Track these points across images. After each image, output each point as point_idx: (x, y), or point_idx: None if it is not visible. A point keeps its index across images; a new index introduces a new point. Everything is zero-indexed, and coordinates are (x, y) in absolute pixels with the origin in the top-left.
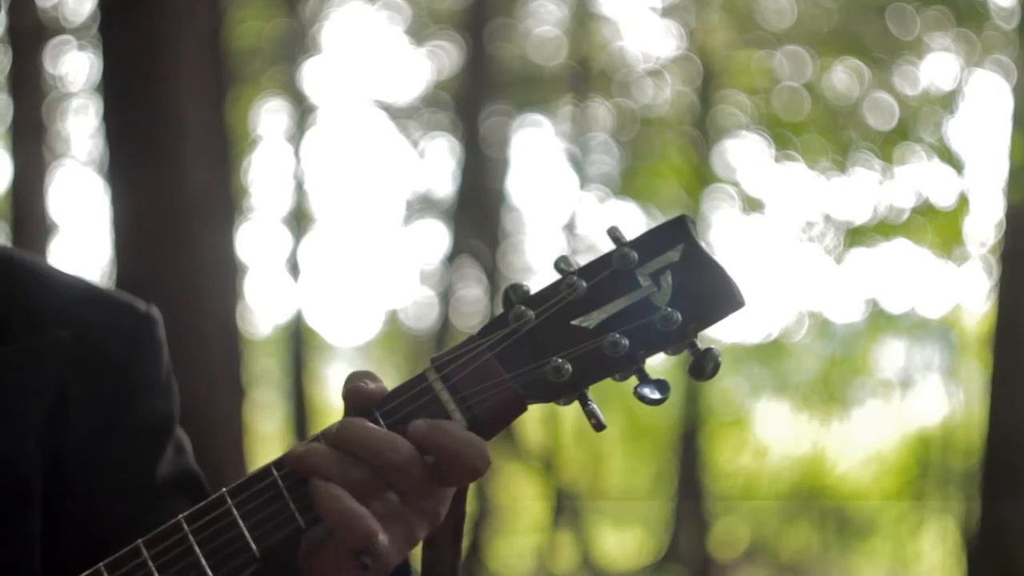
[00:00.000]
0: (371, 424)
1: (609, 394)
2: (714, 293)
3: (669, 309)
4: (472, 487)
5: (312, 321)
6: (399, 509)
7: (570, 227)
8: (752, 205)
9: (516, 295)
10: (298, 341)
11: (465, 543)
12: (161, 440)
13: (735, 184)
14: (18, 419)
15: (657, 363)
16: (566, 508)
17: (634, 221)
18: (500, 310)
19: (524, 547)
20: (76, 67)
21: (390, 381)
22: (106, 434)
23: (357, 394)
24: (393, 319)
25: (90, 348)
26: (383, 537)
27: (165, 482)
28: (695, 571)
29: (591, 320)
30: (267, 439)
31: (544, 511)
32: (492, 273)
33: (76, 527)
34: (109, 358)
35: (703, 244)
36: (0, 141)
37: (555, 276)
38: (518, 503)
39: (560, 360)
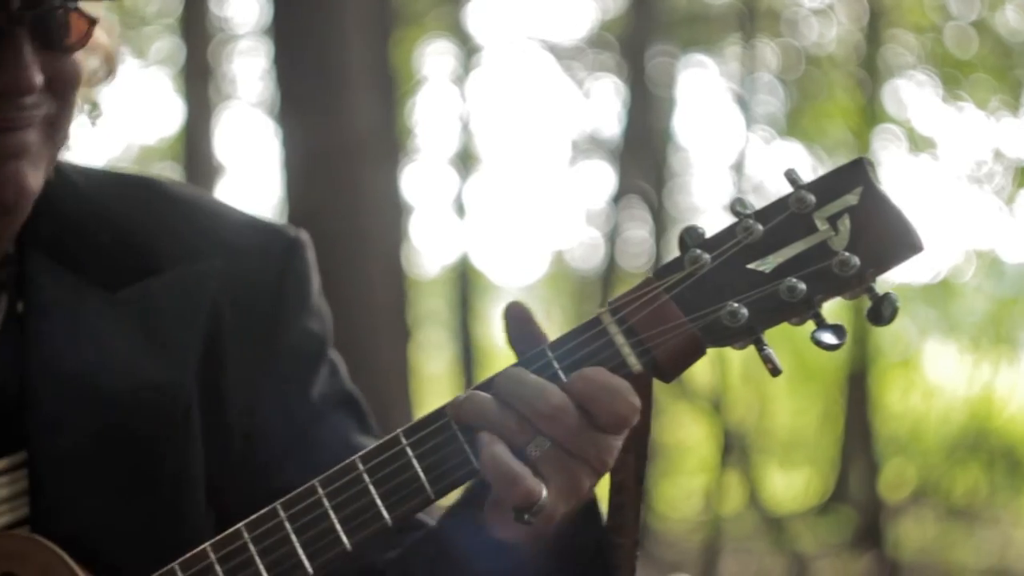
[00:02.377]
0: (524, 373)
1: (776, 334)
2: (893, 238)
3: (847, 254)
4: None
5: (478, 261)
6: (559, 457)
7: (737, 167)
8: (920, 145)
9: (691, 238)
10: (464, 282)
11: None
12: (316, 360)
13: (903, 124)
14: (176, 348)
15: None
16: (733, 449)
17: (800, 162)
18: (666, 251)
19: (691, 488)
20: (243, 9)
21: (556, 322)
22: (261, 357)
23: (523, 335)
24: (559, 259)
25: (241, 274)
26: (544, 494)
27: (323, 400)
28: (862, 512)
29: (767, 264)
30: (433, 380)
31: (711, 452)
32: (658, 213)
33: (237, 449)
34: (260, 282)
35: (882, 188)
36: (172, 83)
37: (729, 218)
38: (686, 444)
39: (736, 304)
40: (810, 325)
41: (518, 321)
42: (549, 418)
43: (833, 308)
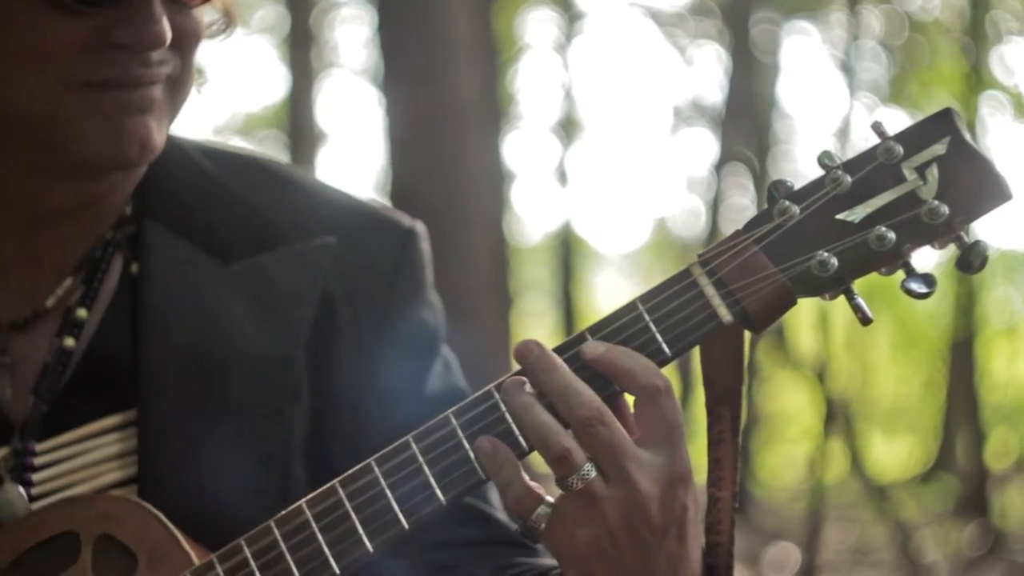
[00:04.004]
0: (561, 367)
1: (878, 302)
2: (981, 186)
3: (936, 202)
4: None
5: (580, 229)
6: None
7: (841, 134)
8: None
9: (780, 190)
10: (566, 249)
11: None
12: (430, 351)
13: (1009, 90)
14: (288, 323)
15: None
16: (837, 417)
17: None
18: None
19: (794, 456)
20: None
21: None
22: (374, 341)
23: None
24: (661, 227)
25: (356, 256)
26: (584, 462)
27: (436, 396)
28: (967, 481)
29: (856, 214)
30: None
31: (815, 420)
32: (761, 180)
33: (339, 432)
34: (375, 268)
35: (969, 137)
36: (276, 52)
37: (819, 172)
38: (789, 412)
39: (826, 254)
40: (900, 275)
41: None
42: (582, 423)
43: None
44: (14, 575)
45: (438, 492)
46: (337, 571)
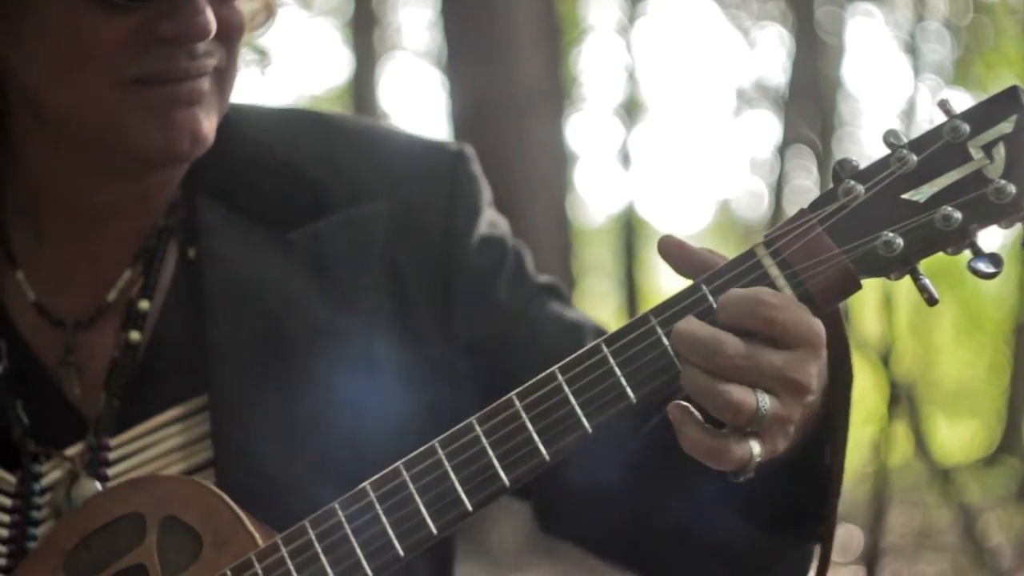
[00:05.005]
0: (698, 324)
1: (941, 284)
2: None
3: (1003, 181)
4: None
5: (643, 210)
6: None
7: (906, 116)
8: None
9: (845, 170)
10: (629, 231)
11: None
12: (497, 266)
13: None
14: (350, 291)
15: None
16: (901, 399)
17: None
18: None
19: (858, 438)
20: None
21: None
22: (443, 279)
23: (687, 263)
24: (724, 209)
25: (411, 203)
26: (755, 451)
27: (511, 301)
28: None
29: (922, 194)
30: None
31: (879, 402)
32: (825, 162)
33: (445, 375)
34: (430, 206)
35: None
36: (339, 34)
37: (884, 152)
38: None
39: (891, 234)
40: (966, 255)
41: (675, 251)
42: (732, 368)
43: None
44: (81, 556)
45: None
46: (401, 554)
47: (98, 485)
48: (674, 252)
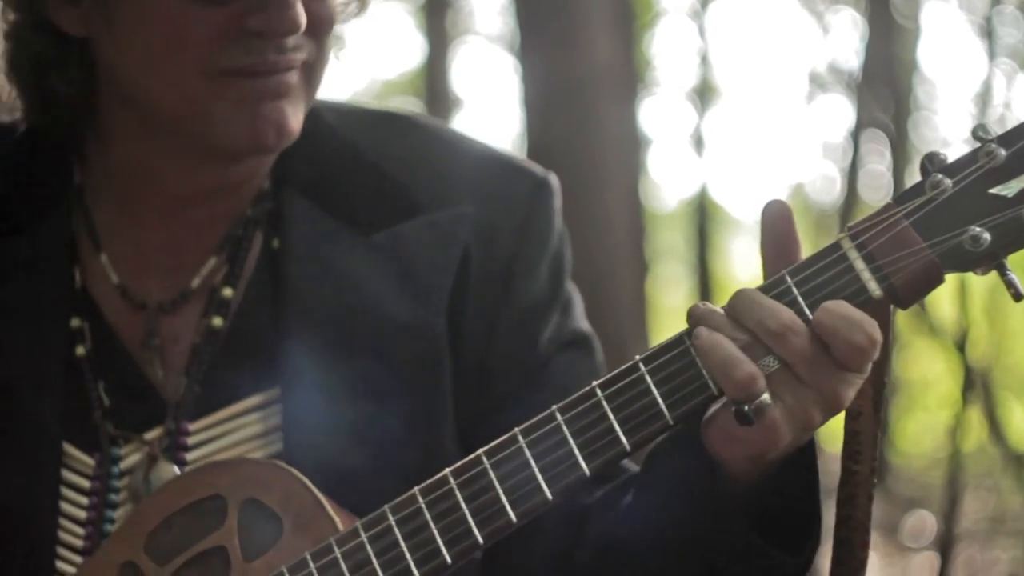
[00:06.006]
0: (758, 294)
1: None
2: None
3: None
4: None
5: (717, 195)
6: (789, 380)
7: (981, 100)
8: None
9: (933, 164)
10: (702, 215)
11: None
12: (547, 306)
13: None
14: (429, 294)
15: None
16: (975, 384)
17: None
18: (907, 184)
19: (933, 423)
20: None
21: None
22: (497, 300)
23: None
24: (798, 192)
25: (490, 218)
26: (765, 391)
27: (549, 343)
28: None
29: (1010, 188)
30: (671, 313)
31: (953, 387)
32: (898, 146)
33: (472, 389)
34: (506, 226)
35: None
36: (412, 18)
37: (972, 145)
38: (927, 379)
39: (978, 229)
40: None
41: (780, 223)
42: (778, 336)
43: None
44: (163, 536)
45: (581, 462)
46: (480, 540)
47: (176, 469)
48: (778, 224)
